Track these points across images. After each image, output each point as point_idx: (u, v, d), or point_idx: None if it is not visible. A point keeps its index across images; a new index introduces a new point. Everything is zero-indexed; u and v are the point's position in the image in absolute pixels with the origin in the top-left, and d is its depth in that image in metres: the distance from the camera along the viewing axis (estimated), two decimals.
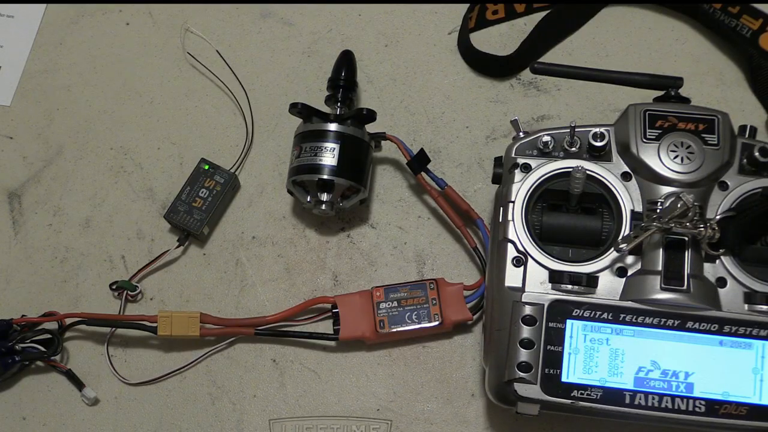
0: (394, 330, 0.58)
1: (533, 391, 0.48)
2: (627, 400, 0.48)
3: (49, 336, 0.59)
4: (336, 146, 0.59)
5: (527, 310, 0.49)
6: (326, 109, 0.63)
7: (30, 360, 0.59)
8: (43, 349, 0.58)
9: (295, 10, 0.72)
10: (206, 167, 0.64)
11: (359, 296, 0.59)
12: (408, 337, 0.59)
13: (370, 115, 0.60)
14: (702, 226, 0.48)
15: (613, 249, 0.50)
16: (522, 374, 0.48)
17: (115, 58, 0.71)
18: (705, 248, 0.49)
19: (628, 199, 0.51)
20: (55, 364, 0.59)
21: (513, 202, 0.52)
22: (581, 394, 0.48)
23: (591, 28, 0.70)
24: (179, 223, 0.62)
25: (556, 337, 0.49)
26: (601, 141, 0.52)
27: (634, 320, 0.49)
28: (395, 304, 0.58)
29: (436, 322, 0.57)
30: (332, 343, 0.60)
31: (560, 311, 0.49)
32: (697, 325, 0.48)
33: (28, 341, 0.59)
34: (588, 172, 0.51)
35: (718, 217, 0.50)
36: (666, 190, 0.50)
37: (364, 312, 0.58)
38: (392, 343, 0.60)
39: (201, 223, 0.62)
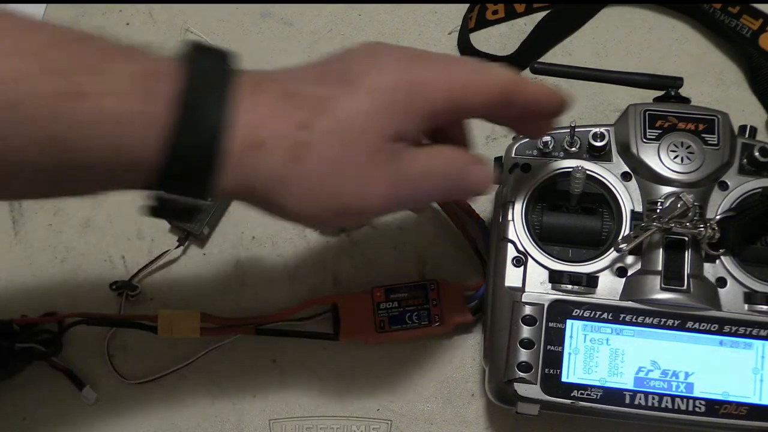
0: (394, 331, 0.57)
1: (533, 391, 0.48)
2: (627, 400, 0.48)
3: (49, 336, 0.59)
4: None
5: (527, 310, 0.49)
6: None
7: (30, 360, 0.59)
8: (43, 349, 0.58)
9: (295, 10, 0.72)
10: None
11: (359, 296, 0.59)
12: (408, 338, 0.59)
13: None
14: (702, 226, 0.48)
15: (613, 249, 0.50)
16: (522, 374, 0.48)
17: None
18: (705, 248, 0.49)
19: (628, 199, 0.51)
20: (55, 364, 0.59)
21: (513, 202, 0.52)
22: (581, 394, 0.48)
23: (591, 28, 0.70)
24: (179, 223, 0.62)
25: (556, 337, 0.49)
26: (601, 141, 0.52)
27: (634, 320, 0.49)
28: (395, 304, 0.58)
29: (437, 324, 0.57)
30: (332, 343, 0.60)
31: (560, 311, 0.49)
32: (697, 325, 0.48)
33: (28, 341, 0.59)
34: (588, 172, 0.51)
35: (718, 217, 0.50)
36: (666, 190, 0.50)
37: (364, 312, 0.58)
38: (392, 343, 0.60)
39: (201, 223, 0.62)
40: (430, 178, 0.41)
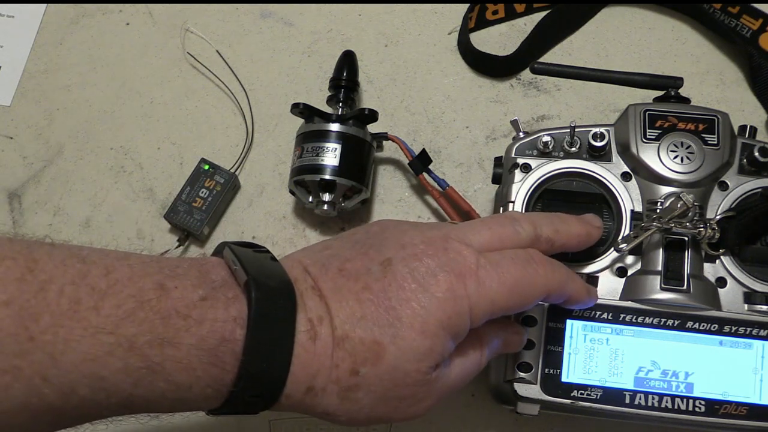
0: None
1: (533, 391, 0.48)
2: (627, 400, 0.48)
3: None
4: (338, 146, 0.59)
5: (527, 310, 0.49)
6: (328, 110, 0.63)
7: None
8: None
9: (295, 10, 0.72)
10: (206, 167, 0.64)
11: None
12: None
13: (372, 116, 0.60)
14: (702, 226, 0.48)
15: (613, 249, 0.50)
16: (522, 374, 0.48)
17: (115, 58, 0.71)
18: (705, 248, 0.49)
19: (628, 199, 0.51)
20: None
21: (513, 202, 0.52)
22: (581, 394, 0.48)
23: (591, 28, 0.70)
24: (179, 223, 0.62)
25: (556, 337, 0.49)
26: (601, 141, 0.52)
27: (634, 320, 0.49)
28: None
29: None
30: None
31: (560, 311, 0.49)
32: (697, 325, 0.48)
33: None
34: (588, 172, 0.52)
35: (718, 217, 0.50)
36: (666, 190, 0.50)
37: None
38: None
39: (201, 223, 0.62)
40: (463, 380, 0.44)
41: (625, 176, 0.52)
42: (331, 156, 0.59)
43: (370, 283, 0.40)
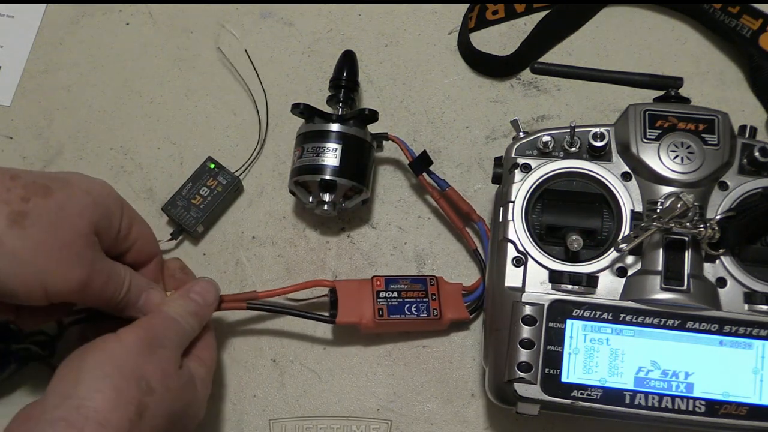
0: (393, 319, 0.57)
1: (533, 391, 0.48)
2: (627, 400, 0.48)
3: (45, 339, 0.58)
4: (338, 146, 0.59)
5: (527, 310, 0.49)
6: (328, 110, 0.63)
7: (26, 361, 0.58)
8: (39, 350, 0.58)
9: (295, 10, 0.72)
10: (212, 166, 0.64)
11: (359, 283, 0.58)
12: (405, 329, 0.59)
13: (372, 116, 0.60)
14: (702, 226, 0.48)
15: (613, 249, 0.50)
16: (522, 374, 0.48)
17: (115, 58, 0.71)
18: (705, 248, 0.49)
19: (628, 199, 0.51)
20: (53, 364, 0.59)
21: (513, 202, 0.52)
22: (581, 394, 0.48)
23: (591, 28, 0.70)
24: (175, 217, 0.62)
25: (556, 337, 0.49)
26: (601, 141, 0.52)
27: (634, 320, 0.49)
28: (395, 294, 0.58)
29: (435, 317, 0.57)
30: (332, 344, 0.60)
31: (560, 311, 0.49)
32: (697, 325, 0.48)
33: (25, 342, 0.58)
34: (588, 172, 0.52)
35: (718, 217, 0.50)
36: (666, 190, 0.50)
37: (363, 299, 0.57)
38: (392, 342, 0.60)
39: (196, 221, 0.62)
40: (114, 279, 0.50)
41: (625, 176, 0.52)
42: (331, 156, 0.59)
43: (44, 172, 0.49)
